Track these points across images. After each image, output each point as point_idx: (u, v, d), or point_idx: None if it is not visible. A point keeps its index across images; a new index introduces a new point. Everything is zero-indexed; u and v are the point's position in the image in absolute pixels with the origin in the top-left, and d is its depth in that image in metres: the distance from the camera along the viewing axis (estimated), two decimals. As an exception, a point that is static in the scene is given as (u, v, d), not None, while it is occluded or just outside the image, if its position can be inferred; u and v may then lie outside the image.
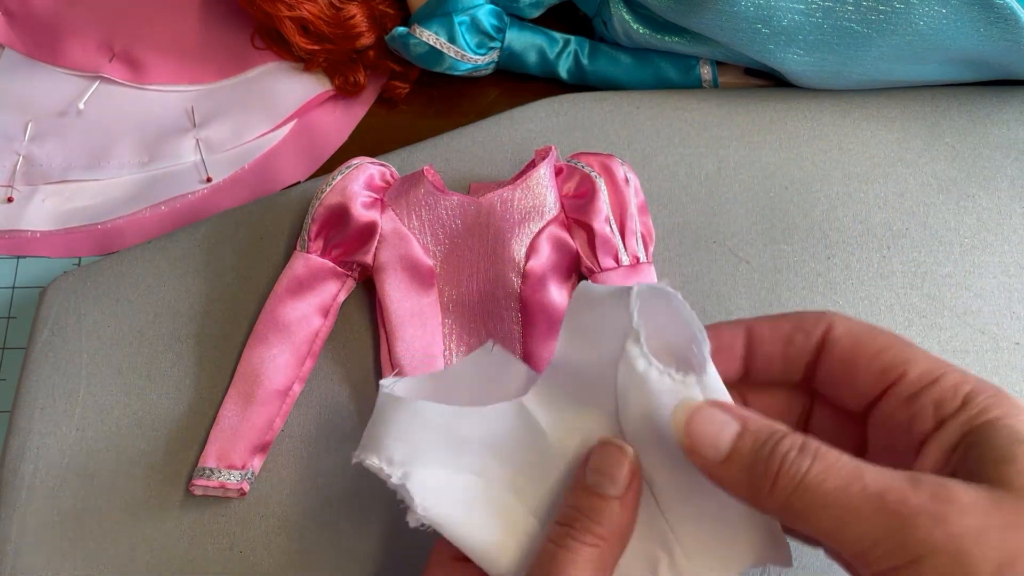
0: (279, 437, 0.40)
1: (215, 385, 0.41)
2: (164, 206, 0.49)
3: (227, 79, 0.52)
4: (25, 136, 0.51)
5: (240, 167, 0.50)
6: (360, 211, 0.40)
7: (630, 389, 0.28)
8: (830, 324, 0.29)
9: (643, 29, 0.46)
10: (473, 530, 0.29)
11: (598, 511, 0.27)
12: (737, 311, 0.42)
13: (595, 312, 0.30)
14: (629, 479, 0.28)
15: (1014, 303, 0.42)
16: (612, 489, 0.28)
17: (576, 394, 0.30)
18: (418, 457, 0.30)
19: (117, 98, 0.52)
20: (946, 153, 0.45)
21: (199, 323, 0.42)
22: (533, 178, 0.41)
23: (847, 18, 0.41)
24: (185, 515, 0.39)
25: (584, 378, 0.30)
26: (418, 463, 0.29)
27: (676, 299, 0.28)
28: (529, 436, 0.30)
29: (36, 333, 0.42)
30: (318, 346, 0.41)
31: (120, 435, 0.40)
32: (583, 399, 0.30)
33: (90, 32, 0.53)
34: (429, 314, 0.41)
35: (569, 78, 0.48)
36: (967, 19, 0.41)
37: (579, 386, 0.30)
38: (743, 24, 0.42)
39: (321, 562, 0.38)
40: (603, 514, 0.27)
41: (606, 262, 0.40)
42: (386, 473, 0.29)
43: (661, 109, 0.46)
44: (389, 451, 0.29)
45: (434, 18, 0.45)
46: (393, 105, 0.51)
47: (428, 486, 0.29)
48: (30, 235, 0.48)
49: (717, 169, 0.45)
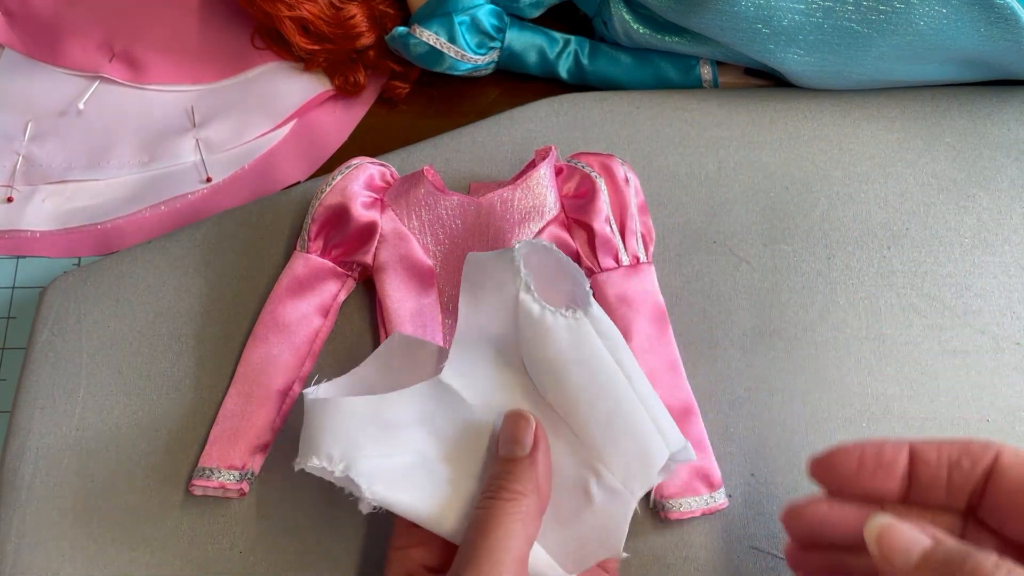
0: (279, 437, 0.40)
1: (215, 385, 0.41)
2: (164, 206, 0.49)
3: (227, 79, 0.52)
4: (25, 136, 0.51)
5: (240, 167, 0.50)
6: (360, 211, 0.40)
7: (530, 335, 0.32)
8: (999, 453, 0.29)
9: (643, 29, 0.46)
10: (418, 502, 0.32)
11: (512, 472, 0.32)
12: (737, 311, 0.42)
13: (486, 275, 0.33)
14: (534, 439, 0.33)
15: (1014, 303, 0.42)
16: (521, 451, 0.32)
17: (485, 357, 0.33)
18: (355, 449, 0.32)
19: (117, 98, 0.52)
20: (946, 153, 0.45)
21: (199, 323, 0.42)
22: (533, 178, 0.41)
23: (847, 18, 0.41)
24: (185, 515, 0.39)
25: (489, 339, 0.33)
26: (357, 454, 0.32)
27: (553, 250, 0.33)
28: (453, 407, 0.33)
29: (36, 333, 0.42)
30: (318, 346, 0.41)
31: (120, 435, 0.40)
32: (493, 359, 0.33)
33: (90, 32, 0.53)
34: (429, 314, 0.41)
35: (569, 78, 0.48)
36: (967, 19, 0.41)
37: (486, 348, 0.33)
38: (743, 24, 0.42)
39: (321, 562, 0.38)
40: (516, 473, 0.32)
41: (606, 262, 0.40)
42: (329, 470, 0.31)
43: (661, 109, 0.46)
44: (328, 449, 0.32)
45: (434, 18, 0.45)
46: (393, 105, 0.51)
47: (370, 472, 0.32)
48: (30, 235, 0.48)
49: (717, 169, 0.45)
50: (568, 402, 0.33)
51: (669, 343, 0.40)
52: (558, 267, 0.33)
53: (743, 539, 0.38)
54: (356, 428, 0.32)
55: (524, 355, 0.33)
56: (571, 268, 0.33)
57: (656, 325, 0.40)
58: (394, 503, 0.32)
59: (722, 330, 0.42)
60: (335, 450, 0.32)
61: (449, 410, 0.34)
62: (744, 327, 0.42)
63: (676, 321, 0.41)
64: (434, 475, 0.33)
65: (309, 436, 0.32)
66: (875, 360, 0.41)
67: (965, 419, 0.40)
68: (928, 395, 0.41)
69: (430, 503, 0.32)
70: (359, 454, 0.32)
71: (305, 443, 0.33)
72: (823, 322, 0.42)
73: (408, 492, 0.32)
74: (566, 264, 0.33)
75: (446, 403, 0.33)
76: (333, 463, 0.32)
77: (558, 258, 0.33)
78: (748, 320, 0.42)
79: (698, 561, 0.38)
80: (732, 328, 0.42)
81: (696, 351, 0.41)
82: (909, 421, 0.40)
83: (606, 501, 0.32)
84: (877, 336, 0.42)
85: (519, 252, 0.32)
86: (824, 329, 0.42)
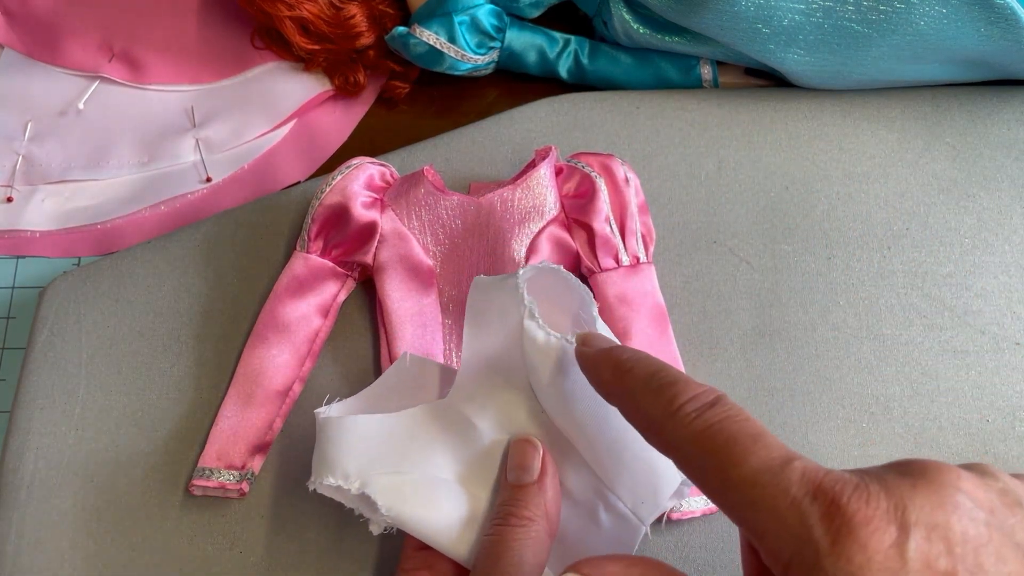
0: (279, 437, 0.40)
1: (215, 385, 0.41)
2: (164, 206, 0.49)
3: (227, 79, 0.52)
4: (25, 136, 0.51)
5: (240, 167, 0.50)
6: (360, 211, 0.40)
7: (536, 361, 0.32)
8: None
9: (643, 29, 0.46)
10: (430, 522, 0.32)
11: (521, 499, 0.32)
12: (737, 311, 0.42)
13: (490, 301, 0.33)
14: (541, 465, 0.32)
15: (1014, 303, 0.42)
16: (528, 477, 0.32)
17: (492, 381, 0.33)
18: (371, 466, 0.32)
19: (117, 98, 0.52)
20: (946, 153, 0.45)
21: (199, 323, 0.42)
22: (533, 178, 0.41)
23: (847, 18, 0.41)
24: (185, 515, 0.39)
25: (495, 364, 0.33)
26: (372, 471, 0.32)
27: (559, 272, 0.32)
28: (462, 429, 0.33)
29: (36, 333, 0.42)
30: (318, 346, 0.41)
31: (120, 435, 0.40)
32: (500, 384, 0.33)
33: (90, 32, 0.53)
34: (429, 314, 0.41)
35: (569, 78, 0.48)
36: (967, 19, 0.40)
37: (494, 373, 0.33)
38: (743, 24, 0.42)
39: (321, 562, 0.38)
40: (525, 500, 0.32)
41: (606, 262, 0.40)
42: (345, 488, 0.31)
43: (661, 109, 0.46)
44: (344, 467, 0.32)
45: (434, 18, 0.45)
46: (393, 105, 0.51)
47: (386, 489, 0.31)
48: (30, 235, 0.48)
49: (717, 169, 0.45)
50: (576, 427, 0.32)
51: (669, 343, 0.40)
52: (565, 287, 0.33)
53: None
54: (371, 446, 0.32)
55: (531, 380, 0.33)
56: (580, 289, 0.33)
57: (656, 325, 0.40)
58: (408, 521, 0.32)
59: (722, 330, 0.42)
60: (351, 467, 0.31)
61: (459, 433, 0.33)
62: (744, 327, 0.42)
63: (676, 321, 0.41)
64: (448, 496, 0.33)
65: (323, 454, 0.32)
66: (875, 360, 0.41)
67: (965, 419, 0.40)
68: (928, 395, 0.41)
69: (444, 523, 0.32)
70: (375, 471, 0.32)
71: (319, 462, 0.32)
72: (823, 322, 0.42)
73: (419, 512, 0.32)
74: (574, 285, 0.33)
75: (456, 426, 0.33)
76: (349, 481, 0.31)
77: (566, 279, 0.33)
78: (748, 320, 0.42)
79: (698, 561, 0.38)
80: (732, 328, 0.42)
81: (696, 351, 0.41)
82: (909, 421, 0.40)
83: (614, 527, 0.32)
84: (877, 336, 0.42)
85: (522, 278, 0.32)
86: (824, 329, 0.42)
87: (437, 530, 0.32)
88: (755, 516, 0.23)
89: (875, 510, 0.21)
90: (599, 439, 0.32)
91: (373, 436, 0.32)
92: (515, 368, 0.33)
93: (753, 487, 0.23)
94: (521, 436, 0.33)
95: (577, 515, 0.33)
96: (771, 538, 0.22)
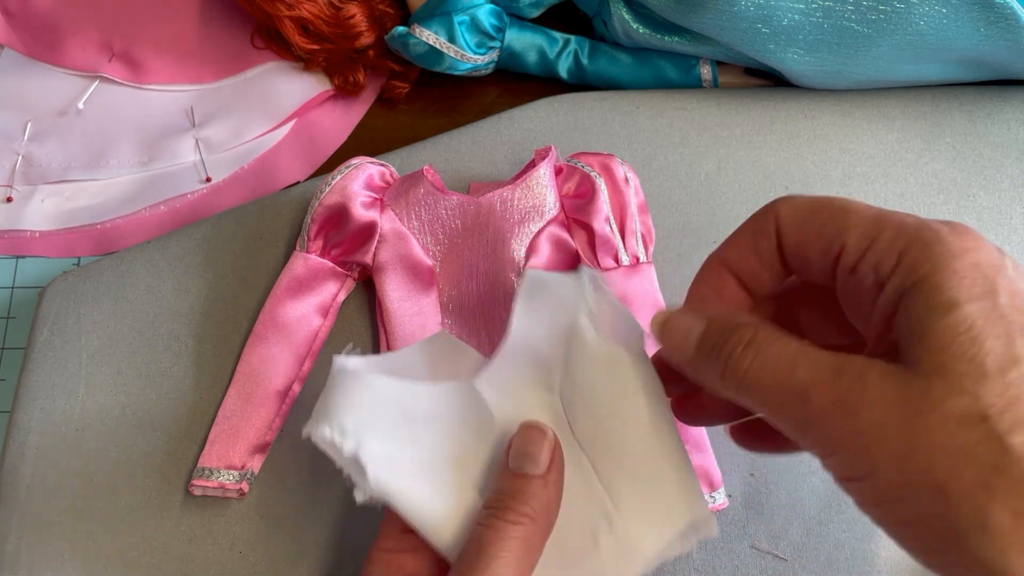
0: (279, 437, 0.40)
1: (215, 385, 0.41)
2: (164, 206, 0.49)
3: (227, 79, 0.52)
4: (24, 136, 0.51)
5: (240, 167, 0.49)
6: (360, 211, 0.40)
7: (577, 359, 0.30)
8: (776, 215, 0.27)
9: (643, 29, 0.46)
10: (421, 504, 0.30)
11: (522, 491, 0.28)
12: (737, 311, 0.42)
13: (547, 293, 0.31)
14: (550, 458, 0.29)
15: (1014, 303, 0.42)
16: (534, 469, 0.29)
17: (525, 374, 0.31)
18: (369, 428, 0.30)
19: (116, 98, 0.52)
20: (946, 153, 0.45)
21: (199, 323, 0.42)
22: (533, 178, 0.41)
23: (847, 18, 0.41)
24: (185, 515, 0.39)
25: (534, 358, 0.31)
26: (369, 434, 0.30)
27: (618, 307, 0.30)
28: (477, 416, 0.31)
29: (36, 333, 0.42)
30: (318, 346, 0.41)
31: (120, 435, 0.40)
32: (531, 378, 0.31)
33: (90, 32, 0.53)
34: (429, 314, 0.41)
35: (569, 78, 0.48)
36: (967, 19, 0.40)
37: (529, 367, 0.31)
38: (743, 24, 0.42)
39: (321, 562, 0.38)
40: (527, 493, 0.28)
41: (606, 262, 0.40)
42: (338, 443, 0.29)
43: (661, 109, 0.46)
44: (341, 420, 0.29)
45: (434, 18, 0.45)
46: (393, 105, 0.51)
47: (379, 458, 0.30)
48: (29, 235, 0.48)
49: (717, 169, 0.45)
50: (596, 437, 0.31)
51: (669, 343, 0.40)
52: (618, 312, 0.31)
53: (743, 539, 0.38)
54: (375, 408, 0.30)
55: (565, 380, 0.31)
56: (632, 322, 0.31)
57: (656, 325, 0.40)
58: (394, 496, 0.30)
59: (722, 330, 0.42)
60: (348, 422, 0.30)
61: (473, 418, 0.31)
62: (744, 327, 0.42)
63: (676, 321, 0.41)
64: (442, 479, 0.31)
65: (325, 403, 0.30)
66: (875, 360, 0.41)
67: (965, 419, 0.40)
68: (928, 395, 0.40)
69: (429, 508, 0.30)
70: (372, 434, 0.30)
71: (319, 410, 0.30)
72: (823, 322, 0.42)
73: (411, 490, 0.30)
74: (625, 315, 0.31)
75: (472, 410, 0.31)
76: (344, 435, 0.29)
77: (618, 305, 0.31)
78: (748, 320, 0.42)
79: (698, 561, 0.38)
80: (732, 328, 0.42)
81: (696, 351, 0.41)
82: (909, 421, 0.40)
83: (614, 556, 0.30)
84: (877, 336, 0.42)
85: (587, 276, 0.30)
86: (824, 329, 0.42)
87: (425, 512, 0.30)
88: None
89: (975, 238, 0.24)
90: (619, 454, 0.30)
91: (382, 400, 0.30)
92: (551, 365, 0.31)
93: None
94: (531, 420, 0.30)
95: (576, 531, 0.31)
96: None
